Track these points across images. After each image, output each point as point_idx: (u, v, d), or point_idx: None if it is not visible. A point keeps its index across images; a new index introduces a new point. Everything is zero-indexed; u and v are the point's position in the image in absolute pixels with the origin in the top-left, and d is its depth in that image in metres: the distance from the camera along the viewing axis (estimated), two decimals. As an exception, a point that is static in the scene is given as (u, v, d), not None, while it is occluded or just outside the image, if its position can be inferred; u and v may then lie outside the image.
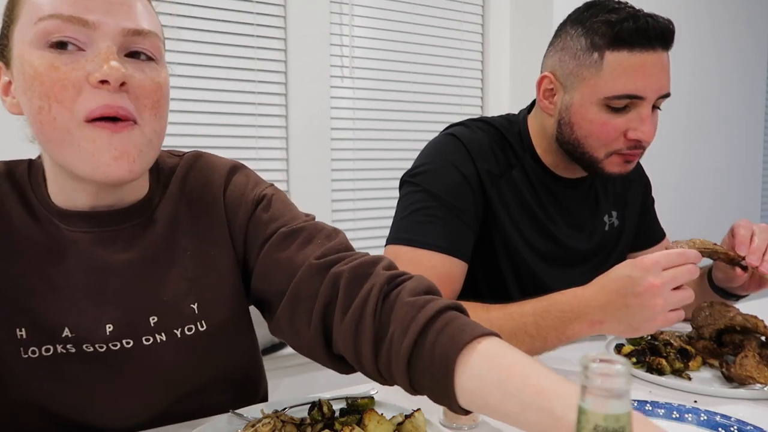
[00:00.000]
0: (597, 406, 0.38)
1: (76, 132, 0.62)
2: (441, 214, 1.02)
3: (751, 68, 3.20)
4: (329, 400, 0.75)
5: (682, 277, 0.79)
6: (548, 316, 0.86)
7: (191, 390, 0.77)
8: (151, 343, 0.72)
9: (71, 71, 0.61)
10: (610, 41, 0.97)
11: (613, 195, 1.23)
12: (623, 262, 0.85)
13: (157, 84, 0.66)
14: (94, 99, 0.61)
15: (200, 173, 0.80)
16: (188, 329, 0.74)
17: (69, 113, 0.61)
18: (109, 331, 0.70)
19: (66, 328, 0.69)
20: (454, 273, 1.01)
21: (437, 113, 2.36)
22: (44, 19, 0.61)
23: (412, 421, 0.67)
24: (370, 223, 2.25)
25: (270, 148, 2.02)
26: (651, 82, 0.97)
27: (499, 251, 1.09)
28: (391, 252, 1.03)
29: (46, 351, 0.69)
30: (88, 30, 0.62)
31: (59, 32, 0.61)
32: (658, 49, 0.97)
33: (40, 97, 0.61)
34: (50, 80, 0.61)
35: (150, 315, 0.72)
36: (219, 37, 1.91)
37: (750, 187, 3.32)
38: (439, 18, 2.35)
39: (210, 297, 0.76)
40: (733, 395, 0.83)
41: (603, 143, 1.01)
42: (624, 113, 0.99)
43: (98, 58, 0.61)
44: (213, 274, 0.77)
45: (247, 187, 0.80)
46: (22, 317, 0.69)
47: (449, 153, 1.08)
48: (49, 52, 0.61)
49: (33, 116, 0.63)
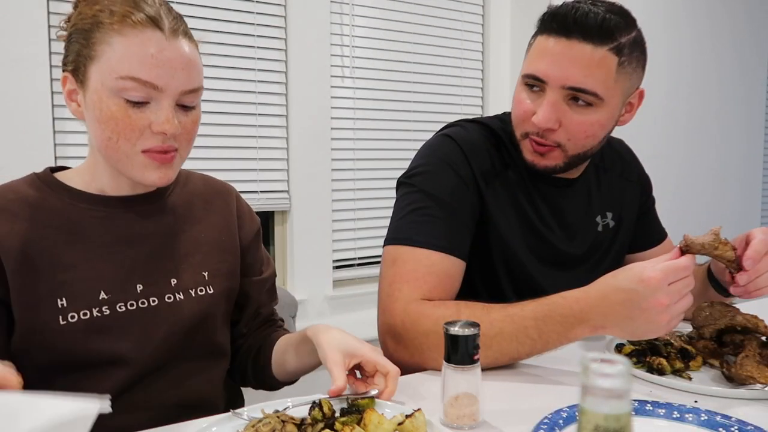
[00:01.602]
0: (597, 406, 0.38)
1: (133, 157, 0.83)
2: (438, 213, 1.02)
3: (751, 68, 3.20)
4: (329, 400, 0.75)
5: (685, 289, 0.80)
6: (550, 320, 0.86)
7: (192, 345, 0.92)
8: (172, 301, 0.90)
9: (139, 119, 0.81)
10: (538, 27, 1.01)
11: (609, 196, 1.23)
12: (629, 267, 0.83)
13: (195, 122, 0.87)
14: (152, 141, 0.82)
15: (212, 183, 1.04)
16: (200, 290, 0.93)
17: (131, 146, 0.82)
18: (140, 290, 0.87)
19: (102, 291, 0.84)
20: (452, 272, 1.01)
21: (438, 113, 2.36)
22: (125, 78, 0.79)
23: (413, 420, 0.67)
24: (370, 223, 2.26)
25: (270, 148, 2.02)
26: (554, 68, 0.97)
27: (494, 251, 1.09)
28: (390, 252, 1.03)
29: (83, 315, 0.83)
30: (156, 91, 0.80)
31: (135, 92, 0.79)
32: (574, 39, 0.95)
33: (111, 132, 0.81)
34: (123, 124, 0.80)
35: (171, 277, 0.91)
36: (220, 38, 1.91)
37: (750, 187, 3.32)
38: (439, 18, 2.35)
39: (217, 269, 0.96)
40: (733, 395, 0.83)
41: (517, 122, 1.05)
42: (536, 98, 1.01)
43: (160, 113, 0.81)
44: (220, 250, 0.97)
45: (250, 209, 1.07)
46: (62, 288, 0.82)
47: (445, 154, 1.08)
48: (124, 102, 0.80)
49: (100, 140, 0.82)
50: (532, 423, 0.72)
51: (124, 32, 0.79)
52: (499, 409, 0.78)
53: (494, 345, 0.88)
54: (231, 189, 1.05)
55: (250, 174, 1.98)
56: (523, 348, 0.88)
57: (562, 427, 0.71)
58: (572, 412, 0.74)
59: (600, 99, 0.97)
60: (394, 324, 0.96)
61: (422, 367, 0.93)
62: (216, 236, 0.98)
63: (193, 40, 0.86)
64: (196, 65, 0.84)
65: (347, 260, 2.28)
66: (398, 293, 0.97)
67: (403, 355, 0.95)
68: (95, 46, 0.80)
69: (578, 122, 0.99)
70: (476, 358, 0.72)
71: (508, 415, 0.76)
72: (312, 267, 2.17)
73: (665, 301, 0.79)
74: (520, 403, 0.81)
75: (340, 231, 2.21)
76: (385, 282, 1.01)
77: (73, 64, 0.83)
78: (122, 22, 0.79)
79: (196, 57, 0.85)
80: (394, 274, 0.99)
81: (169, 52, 0.80)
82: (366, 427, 0.67)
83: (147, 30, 0.80)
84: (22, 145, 1.64)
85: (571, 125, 0.99)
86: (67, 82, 0.84)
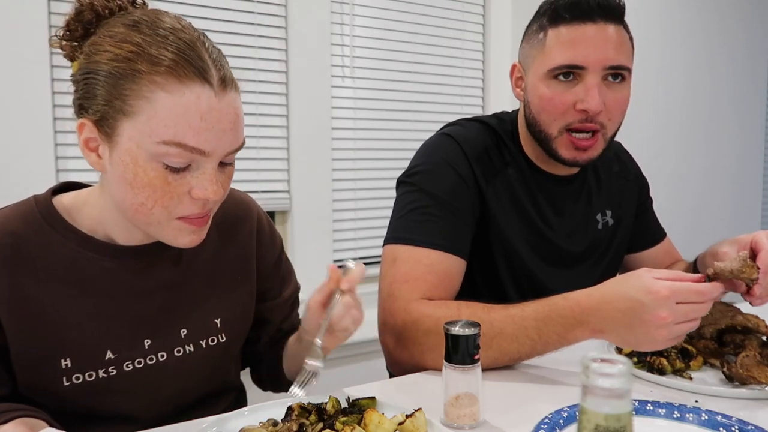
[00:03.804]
0: (598, 405, 0.39)
1: (166, 224, 0.72)
2: (438, 212, 1.02)
3: (750, 67, 3.20)
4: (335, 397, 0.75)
5: (693, 314, 0.79)
6: (550, 321, 0.85)
7: (209, 391, 0.88)
8: (182, 354, 0.83)
9: (179, 186, 0.70)
10: (550, 19, 1.02)
11: (608, 194, 1.23)
12: (640, 275, 0.81)
13: (231, 177, 0.77)
14: (191, 208, 0.72)
15: (232, 205, 0.91)
16: (211, 340, 0.85)
17: (167, 213, 0.71)
18: (147, 345, 0.80)
19: (108, 350, 0.77)
20: (452, 270, 1.01)
21: (438, 113, 2.36)
22: (168, 144, 0.67)
23: (413, 420, 0.67)
24: (370, 223, 2.25)
25: (271, 148, 2.02)
26: (590, 51, 0.98)
27: (495, 249, 1.09)
28: (389, 252, 1.03)
29: (89, 377, 0.76)
30: (202, 156, 0.69)
31: (179, 158, 0.68)
32: (598, 21, 0.99)
33: (146, 198, 0.69)
34: (161, 191, 0.69)
35: (181, 328, 0.83)
36: (220, 38, 1.91)
37: (750, 188, 3.31)
38: (440, 18, 2.35)
39: (231, 314, 0.88)
40: (734, 395, 0.83)
41: (553, 117, 1.03)
42: (571, 86, 1.01)
43: (203, 177, 0.70)
44: (235, 294, 0.89)
45: (272, 230, 0.97)
46: (66, 348, 0.75)
47: (444, 153, 1.08)
48: (163, 167, 0.68)
49: (130, 204, 0.71)
50: (533, 423, 0.72)
51: (169, 88, 0.66)
52: (500, 409, 0.78)
53: (494, 345, 0.88)
54: (251, 208, 0.94)
55: (251, 174, 1.98)
56: (524, 349, 0.88)
57: (562, 426, 0.71)
58: (573, 411, 0.74)
59: (629, 73, 1.03)
60: (395, 324, 0.96)
61: (423, 366, 0.93)
62: (231, 274, 0.89)
63: (237, 86, 0.73)
64: (242, 120, 0.73)
65: (348, 260, 2.28)
66: (398, 293, 0.97)
67: (404, 354, 0.95)
68: (130, 100, 0.66)
69: (616, 99, 1.02)
70: (477, 358, 0.72)
71: (508, 415, 0.76)
72: (313, 267, 2.17)
73: (667, 317, 0.77)
74: (521, 403, 0.81)
75: (341, 231, 2.21)
76: (385, 282, 1.00)
77: (99, 113, 0.68)
78: (165, 73, 0.66)
79: (241, 109, 0.73)
80: (394, 273, 0.99)
81: (219, 112, 0.68)
82: (366, 426, 0.67)
83: (195, 86, 0.66)
84: (22, 145, 1.64)
85: (612, 104, 1.02)
86: (84, 129, 0.71)
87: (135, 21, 0.69)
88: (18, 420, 0.68)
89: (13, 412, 0.69)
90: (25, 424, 0.68)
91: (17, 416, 0.69)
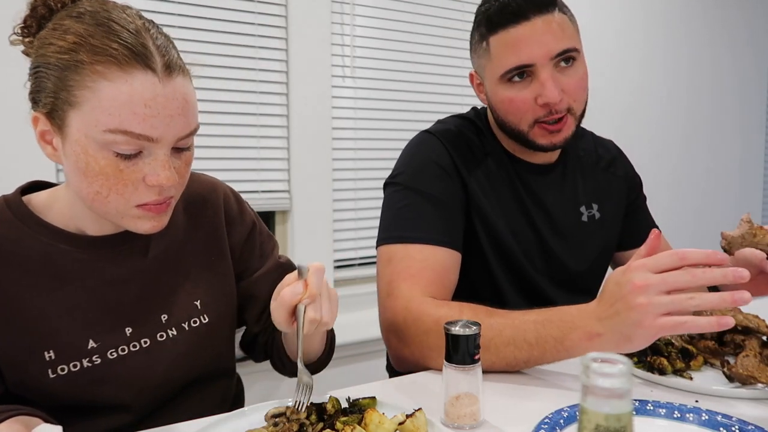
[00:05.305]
0: (598, 405, 0.39)
1: (125, 212, 0.73)
2: (426, 207, 1.04)
3: (750, 68, 3.19)
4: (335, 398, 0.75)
5: (675, 282, 0.73)
6: (549, 324, 0.84)
7: (199, 375, 0.88)
8: (165, 339, 0.83)
9: (132, 173, 0.71)
10: (487, 28, 1.04)
11: (594, 187, 1.24)
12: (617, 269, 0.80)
13: (189, 163, 0.77)
14: (147, 195, 0.73)
15: (198, 188, 0.93)
16: (193, 322, 0.86)
17: (123, 200, 0.72)
18: (129, 333, 0.81)
19: (90, 340, 0.78)
20: (447, 263, 1.02)
21: (438, 113, 2.36)
22: (114, 132, 0.67)
23: (413, 420, 0.67)
24: (371, 223, 2.25)
25: (271, 148, 2.02)
26: (533, 48, 1.00)
27: (482, 237, 1.11)
28: (384, 252, 1.03)
29: (73, 367, 0.77)
30: (151, 143, 0.70)
31: (127, 146, 0.69)
32: (531, 17, 1.00)
33: (100, 186, 0.71)
34: (114, 178, 0.70)
35: (161, 314, 0.84)
36: (220, 37, 1.91)
37: (750, 188, 3.31)
38: (440, 18, 2.35)
39: (210, 294, 0.89)
40: (734, 395, 0.83)
41: (520, 116, 1.06)
42: (527, 84, 1.03)
43: (155, 164, 0.71)
44: (212, 274, 0.90)
45: (242, 207, 0.97)
46: (48, 340, 0.76)
47: (425, 149, 1.12)
48: (113, 155, 0.69)
49: (86, 193, 0.72)
50: (533, 423, 0.72)
51: (110, 76, 0.66)
52: (500, 408, 0.78)
53: (491, 347, 0.88)
54: (217, 189, 0.95)
55: (251, 174, 1.98)
56: (521, 354, 0.86)
57: (562, 426, 0.71)
58: (573, 411, 0.74)
59: (578, 51, 1.05)
60: (396, 321, 0.96)
61: (424, 365, 0.94)
62: (204, 256, 0.90)
63: (186, 71, 0.74)
64: (193, 105, 0.74)
65: (348, 260, 2.28)
66: (398, 291, 0.97)
67: (406, 352, 0.96)
68: (74, 90, 0.67)
69: (574, 82, 1.04)
70: (477, 357, 0.72)
71: (508, 415, 0.76)
72: (313, 267, 2.17)
73: (639, 282, 0.73)
74: (521, 403, 0.81)
75: (341, 231, 2.21)
76: (383, 281, 1.01)
77: (48, 106, 0.70)
78: (106, 62, 0.66)
79: (192, 94, 0.74)
80: (390, 272, 1.00)
81: (164, 98, 0.69)
82: (367, 426, 0.67)
83: (136, 72, 0.67)
84: (22, 144, 1.64)
85: (570, 86, 1.04)
86: (39, 123, 0.72)
87: (80, 12, 0.70)
88: (12, 419, 0.69)
89: (6, 413, 0.70)
90: (19, 422, 0.68)
91: (11, 416, 0.69)
